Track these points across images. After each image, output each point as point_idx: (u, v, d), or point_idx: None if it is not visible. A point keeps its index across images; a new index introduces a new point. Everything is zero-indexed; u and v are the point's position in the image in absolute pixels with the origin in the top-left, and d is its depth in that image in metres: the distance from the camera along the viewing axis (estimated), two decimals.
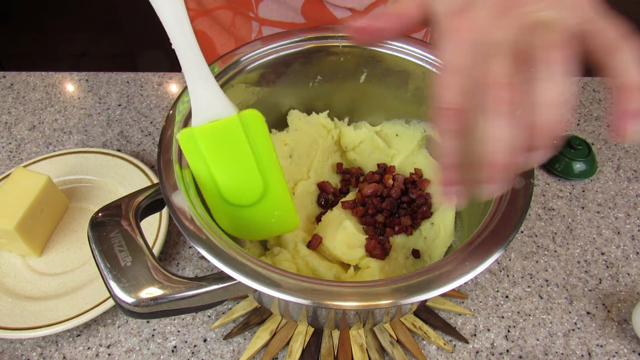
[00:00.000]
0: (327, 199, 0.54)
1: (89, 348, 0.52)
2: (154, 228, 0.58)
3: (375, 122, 0.58)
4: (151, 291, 0.35)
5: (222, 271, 0.35)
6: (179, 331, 0.53)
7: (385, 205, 0.53)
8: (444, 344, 0.52)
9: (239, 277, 0.34)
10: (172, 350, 0.52)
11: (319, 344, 0.51)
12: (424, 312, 0.54)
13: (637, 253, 0.60)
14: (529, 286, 0.57)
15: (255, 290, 0.34)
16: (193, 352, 0.52)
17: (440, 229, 0.51)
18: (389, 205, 0.53)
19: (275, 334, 0.52)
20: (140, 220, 0.40)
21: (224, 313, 0.54)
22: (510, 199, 0.39)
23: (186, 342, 0.53)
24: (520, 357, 0.52)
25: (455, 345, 0.53)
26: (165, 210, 0.59)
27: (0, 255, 0.59)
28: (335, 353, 0.51)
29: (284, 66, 0.51)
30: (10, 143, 0.72)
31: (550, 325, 0.54)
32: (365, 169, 0.58)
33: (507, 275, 0.58)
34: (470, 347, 0.52)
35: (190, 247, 0.60)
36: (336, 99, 0.57)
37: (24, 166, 0.64)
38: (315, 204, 0.55)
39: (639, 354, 0.52)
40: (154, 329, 0.53)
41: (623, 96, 0.27)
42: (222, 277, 0.35)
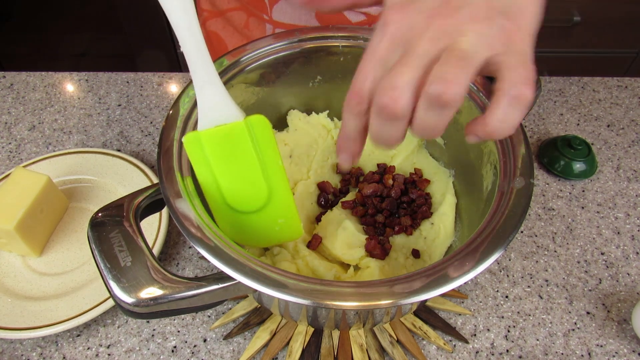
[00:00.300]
0: (327, 199, 0.54)
1: (88, 348, 0.52)
2: (154, 228, 0.58)
3: None
4: (151, 291, 0.35)
5: (222, 271, 0.35)
6: (179, 331, 0.53)
7: (385, 205, 0.53)
8: (444, 344, 0.52)
9: (239, 277, 0.34)
10: (172, 350, 0.52)
11: (319, 344, 0.51)
12: (424, 312, 0.54)
13: (637, 253, 0.60)
14: (528, 286, 0.57)
15: (255, 290, 0.34)
16: (193, 352, 0.52)
17: (440, 229, 0.51)
18: (389, 205, 0.53)
19: (275, 334, 0.52)
20: (140, 220, 0.40)
21: (224, 313, 0.54)
22: (510, 199, 0.39)
23: (186, 342, 0.53)
24: (520, 357, 0.52)
25: (455, 345, 0.53)
26: (165, 210, 0.59)
27: (0, 255, 0.59)
28: (335, 353, 0.51)
29: (284, 66, 0.51)
30: (10, 143, 0.72)
31: (550, 325, 0.54)
32: (365, 169, 0.58)
33: (507, 275, 0.58)
34: (470, 347, 0.52)
35: (190, 247, 0.60)
36: (336, 99, 0.57)
37: (24, 166, 0.64)
38: (315, 204, 0.55)
39: (639, 354, 0.52)
40: (154, 329, 0.53)
41: (479, 121, 0.29)
42: (222, 277, 0.35)
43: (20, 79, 0.81)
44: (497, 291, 0.57)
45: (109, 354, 0.52)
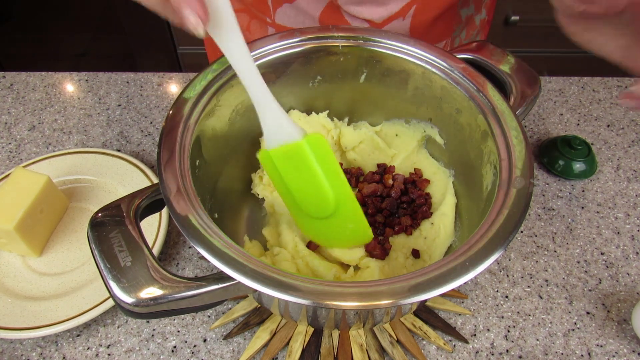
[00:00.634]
0: None
1: (88, 348, 0.52)
2: (154, 228, 0.58)
3: (375, 122, 0.58)
4: (151, 291, 0.35)
5: (222, 271, 0.35)
6: (178, 331, 0.53)
7: (385, 205, 0.53)
8: (444, 344, 0.52)
9: (239, 277, 0.34)
10: (172, 350, 0.52)
11: (319, 344, 0.51)
12: (424, 312, 0.54)
13: (637, 253, 0.60)
14: (528, 286, 0.57)
15: (255, 290, 0.34)
16: (193, 352, 0.52)
17: (440, 229, 0.51)
18: (389, 205, 0.53)
19: (275, 334, 0.52)
20: (140, 220, 0.40)
21: (223, 313, 0.54)
22: (510, 200, 0.39)
23: (186, 342, 0.53)
24: (520, 357, 0.52)
25: (455, 345, 0.53)
26: (165, 210, 0.59)
27: (0, 255, 0.59)
28: (335, 353, 0.51)
29: (284, 66, 0.51)
30: (10, 143, 0.72)
31: (550, 325, 0.54)
32: (365, 169, 0.58)
33: (507, 275, 0.58)
34: (470, 347, 0.52)
35: (190, 247, 0.60)
36: (336, 99, 0.57)
37: (24, 166, 0.64)
38: None
39: (638, 354, 0.52)
40: (154, 329, 0.53)
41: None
42: (222, 277, 0.35)
43: (20, 79, 0.81)
44: (497, 291, 0.57)
45: (109, 354, 0.52)
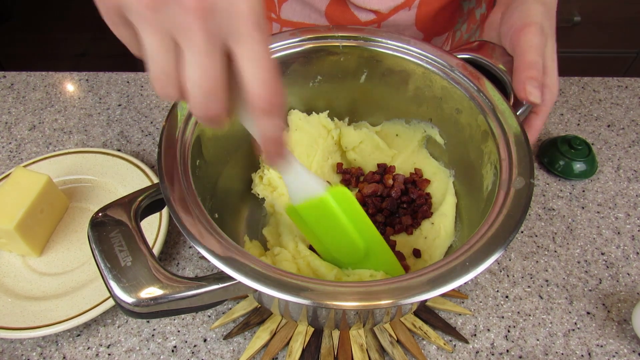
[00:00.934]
0: None
1: (89, 348, 0.52)
2: (154, 228, 0.58)
3: (375, 122, 0.58)
4: (151, 291, 0.35)
5: (222, 271, 0.35)
6: (179, 331, 0.53)
7: (385, 205, 0.53)
8: (444, 344, 0.52)
9: (239, 277, 0.34)
10: (172, 350, 0.52)
11: (319, 344, 0.51)
12: (424, 312, 0.54)
13: (637, 253, 0.60)
14: (529, 286, 0.57)
15: (255, 290, 0.34)
16: (193, 352, 0.52)
17: (440, 229, 0.51)
18: (389, 205, 0.53)
19: (275, 334, 0.52)
20: (140, 220, 0.40)
21: (224, 313, 0.54)
22: (510, 200, 0.39)
23: (186, 342, 0.53)
24: (520, 357, 0.52)
25: (455, 345, 0.53)
26: (165, 210, 0.59)
27: (0, 255, 0.59)
28: (335, 353, 0.51)
29: (284, 66, 0.51)
30: (10, 143, 0.72)
31: (550, 325, 0.54)
32: (365, 169, 0.58)
33: (507, 275, 0.58)
34: (470, 347, 0.52)
35: (190, 247, 0.60)
36: (336, 99, 0.57)
37: (24, 166, 0.64)
38: None
39: (639, 354, 0.52)
40: (154, 329, 0.53)
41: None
42: (222, 277, 0.35)
43: (21, 79, 0.81)
44: (497, 291, 0.57)
45: (109, 354, 0.52)
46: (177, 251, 0.60)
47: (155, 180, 0.63)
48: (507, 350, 0.52)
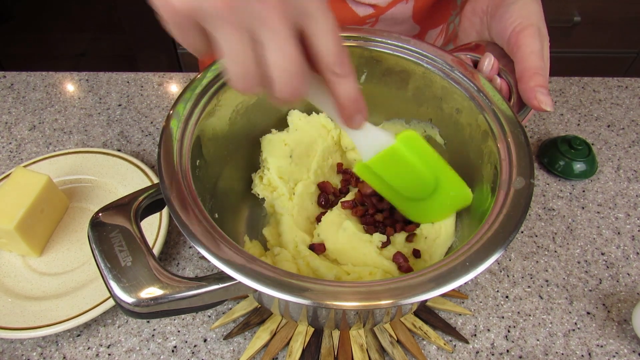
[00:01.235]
0: (327, 199, 0.54)
1: (89, 348, 0.52)
2: (154, 228, 0.58)
3: (375, 122, 0.58)
4: (151, 291, 0.35)
5: (222, 271, 0.35)
6: (179, 331, 0.53)
7: (385, 204, 0.53)
8: (444, 344, 0.52)
9: (239, 277, 0.34)
10: (172, 350, 0.52)
11: (319, 344, 0.51)
12: (424, 312, 0.54)
13: (637, 253, 0.60)
14: (529, 286, 0.57)
15: (255, 290, 0.34)
16: (193, 352, 0.52)
17: (440, 229, 0.51)
18: (389, 205, 0.53)
19: (275, 334, 0.52)
20: (140, 220, 0.40)
21: (224, 313, 0.54)
22: (510, 199, 0.39)
23: (186, 342, 0.53)
24: (520, 357, 0.52)
25: (455, 345, 0.53)
26: (165, 210, 0.59)
27: (0, 255, 0.59)
28: (336, 353, 0.51)
29: None
30: (10, 143, 0.72)
31: (550, 325, 0.54)
32: None
33: (507, 276, 0.58)
34: (470, 347, 0.52)
35: (190, 247, 0.60)
36: None
37: (24, 166, 0.64)
38: (315, 204, 0.55)
39: (639, 354, 0.52)
40: (154, 329, 0.53)
41: None
42: (222, 277, 0.35)
43: (21, 79, 0.81)
44: (497, 291, 0.57)
45: (109, 354, 0.52)
46: (177, 251, 0.60)
47: (155, 180, 0.63)
48: (507, 351, 0.52)
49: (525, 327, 0.54)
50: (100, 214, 0.39)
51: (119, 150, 0.69)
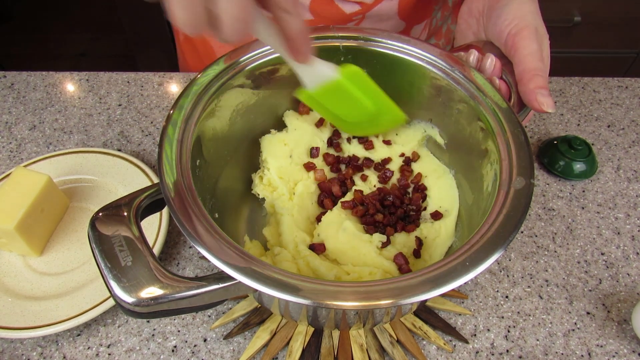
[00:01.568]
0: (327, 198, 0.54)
1: (89, 348, 0.52)
2: (154, 228, 0.58)
3: None
4: (151, 291, 0.35)
5: (222, 271, 0.35)
6: (179, 331, 0.53)
7: (385, 205, 0.53)
8: (444, 344, 0.52)
9: (239, 277, 0.34)
10: (172, 350, 0.52)
11: (319, 344, 0.51)
12: (424, 312, 0.54)
13: (637, 253, 0.60)
14: (529, 286, 0.57)
15: (255, 290, 0.34)
16: (193, 352, 0.52)
17: (440, 229, 0.51)
18: (389, 205, 0.53)
19: (275, 333, 0.52)
20: (141, 220, 0.40)
21: (224, 313, 0.54)
22: (510, 200, 0.39)
23: (186, 341, 0.53)
24: (520, 357, 0.52)
25: (455, 345, 0.53)
26: (165, 210, 0.59)
27: (0, 255, 0.59)
28: (335, 353, 0.51)
29: (284, 66, 0.51)
30: (10, 143, 0.72)
31: (550, 325, 0.54)
32: None
33: (507, 276, 0.58)
34: (470, 347, 0.52)
35: (190, 247, 0.60)
36: None
37: (25, 166, 0.64)
38: (315, 204, 0.55)
39: (639, 354, 0.52)
40: (154, 329, 0.53)
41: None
42: (222, 277, 0.35)
43: (21, 79, 0.81)
44: (497, 291, 0.57)
45: (109, 354, 0.52)
46: (177, 251, 0.60)
47: (155, 180, 0.64)
48: (507, 350, 0.52)
49: (525, 327, 0.54)
50: (100, 214, 0.39)
51: (119, 150, 0.69)
